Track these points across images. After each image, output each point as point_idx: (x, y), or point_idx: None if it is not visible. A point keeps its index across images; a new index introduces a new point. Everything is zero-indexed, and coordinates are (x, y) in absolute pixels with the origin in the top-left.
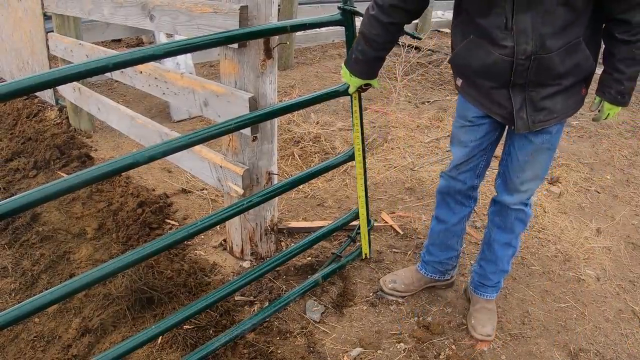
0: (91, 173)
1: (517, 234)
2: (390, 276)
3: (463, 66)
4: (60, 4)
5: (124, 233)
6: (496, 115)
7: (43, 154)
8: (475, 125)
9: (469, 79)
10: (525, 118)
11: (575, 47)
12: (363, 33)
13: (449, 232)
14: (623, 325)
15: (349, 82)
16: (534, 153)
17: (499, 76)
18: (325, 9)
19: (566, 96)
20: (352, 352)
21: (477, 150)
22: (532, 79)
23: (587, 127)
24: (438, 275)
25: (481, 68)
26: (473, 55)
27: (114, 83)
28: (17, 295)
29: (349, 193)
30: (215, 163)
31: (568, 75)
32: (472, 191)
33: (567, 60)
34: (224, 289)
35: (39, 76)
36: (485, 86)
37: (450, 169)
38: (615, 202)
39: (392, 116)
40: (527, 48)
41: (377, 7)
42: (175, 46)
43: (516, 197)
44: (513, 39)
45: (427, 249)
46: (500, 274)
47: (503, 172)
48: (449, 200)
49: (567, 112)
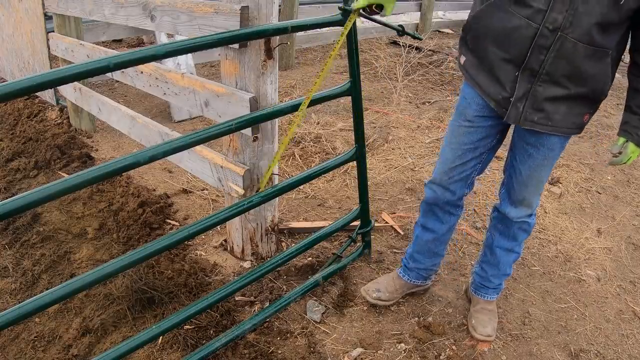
0: (92, 173)
1: (520, 242)
2: (373, 285)
3: (478, 30)
4: (61, 4)
5: (125, 233)
6: (490, 99)
7: (44, 154)
8: (474, 127)
9: (478, 48)
10: (520, 110)
11: (601, 55)
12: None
13: (438, 240)
14: (623, 325)
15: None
16: (535, 167)
17: (515, 46)
18: (326, 9)
19: (569, 107)
20: (353, 352)
21: (471, 155)
22: (546, 69)
23: (587, 127)
24: (421, 280)
25: (500, 32)
26: (494, 17)
27: (114, 83)
28: (18, 295)
29: (350, 193)
30: (216, 163)
31: (581, 81)
32: (460, 200)
33: (588, 63)
34: (224, 289)
35: (39, 76)
36: (496, 57)
37: (439, 176)
38: (616, 203)
39: (393, 116)
40: (558, 18)
41: None
42: (176, 46)
43: (520, 210)
44: (548, 2)
45: (412, 256)
46: (502, 277)
47: (507, 183)
48: (436, 210)
49: (563, 128)
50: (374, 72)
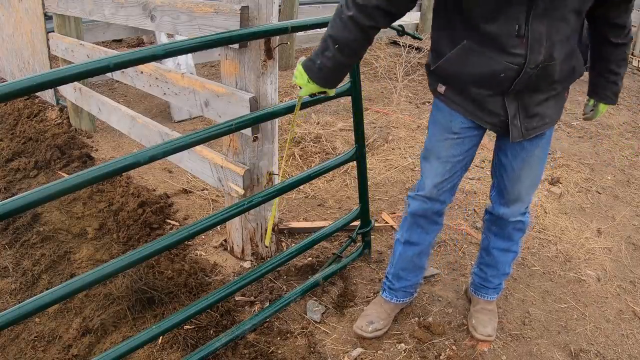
0: (92, 173)
1: (516, 241)
2: (364, 319)
3: (454, 74)
4: (61, 4)
5: (125, 233)
6: (487, 124)
7: (44, 154)
8: (461, 138)
9: (457, 86)
10: (519, 126)
11: (572, 53)
12: (334, 37)
13: (423, 253)
14: (624, 325)
15: (303, 86)
16: (529, 160)
17: (499, 85)
18: (326, 9)
19: (556, 101)
20: (353, 352)
21: (459, 166)
22: (531, 86)
23: (587, 127)
24: (409, 297)
25: (479, 77)
26: (469, 63)
27: (114, 83)
28: (18, 295)
29: (350, 193)
30: (216, 163)
31: (563, 80)
32: (445, 208)
33: (566, 66)
34: (224, 289)
35: (39, 76)
36: (480, 94)
37: (429, 189)
38: (616, 203)
39: (393, 116)
40: (538, 58)
41: (357, 8)
42: (176, 46)
43: (513, 208)
44: (526, 47)
45: (397, 275)
46: (502, 277)
47: (498, 184)
48: (422, 222)
49: (557, 116)
50: (374, 72)
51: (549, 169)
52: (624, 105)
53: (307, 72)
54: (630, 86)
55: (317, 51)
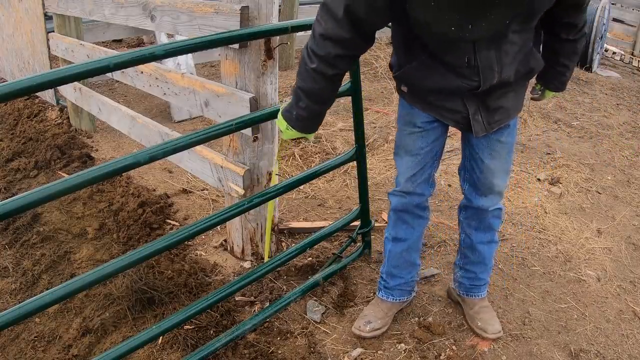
0: (92, 173)
1: (496, 230)
2: (361, 320)
3: (412, 84)
4: (61, 4)
5: (125, 233)
6: (449, 120)
7: (44, 154)
8: (425, 131)
9: (418, 94)
10: (481, 121)
11: (529, 55)
12: (303, 89)
13: (412, 248)
14: (624, 325)
15: (284, 131)
16: (498, 150)
17: (457, 97)
18: None
19: (516, 94)
20: (353, 352)
21: (429, 157)
22: (489, 91)
23: (587, 127)
24: (406, 296)
25: (437, 89)
26: (427, 76)
27: (114, 83)
28: (18, 295)
29: (350, 193)
30: (216, 163)
31: (521, 80)
32: (427, 201)
33: (522, 69)
34: (224, 289)
35: (39, 76)
36: (439, 102)
37: (404, 184)
38: (616, 203)
39: (393, 116)
40: (492, 81)
41: (319, 60)
42: (176, 46)
43: (491, 198)
44: (479, 75)
45: (390, 274)
46: (489, 271)
47: (470, 176)
48: (406, 217)
49: (519, 107)
50: (374, 72)
51: (549, 169)
52: (624, 105)
53: (286, 121)
54: (630, 86)
55: (291, 102)
